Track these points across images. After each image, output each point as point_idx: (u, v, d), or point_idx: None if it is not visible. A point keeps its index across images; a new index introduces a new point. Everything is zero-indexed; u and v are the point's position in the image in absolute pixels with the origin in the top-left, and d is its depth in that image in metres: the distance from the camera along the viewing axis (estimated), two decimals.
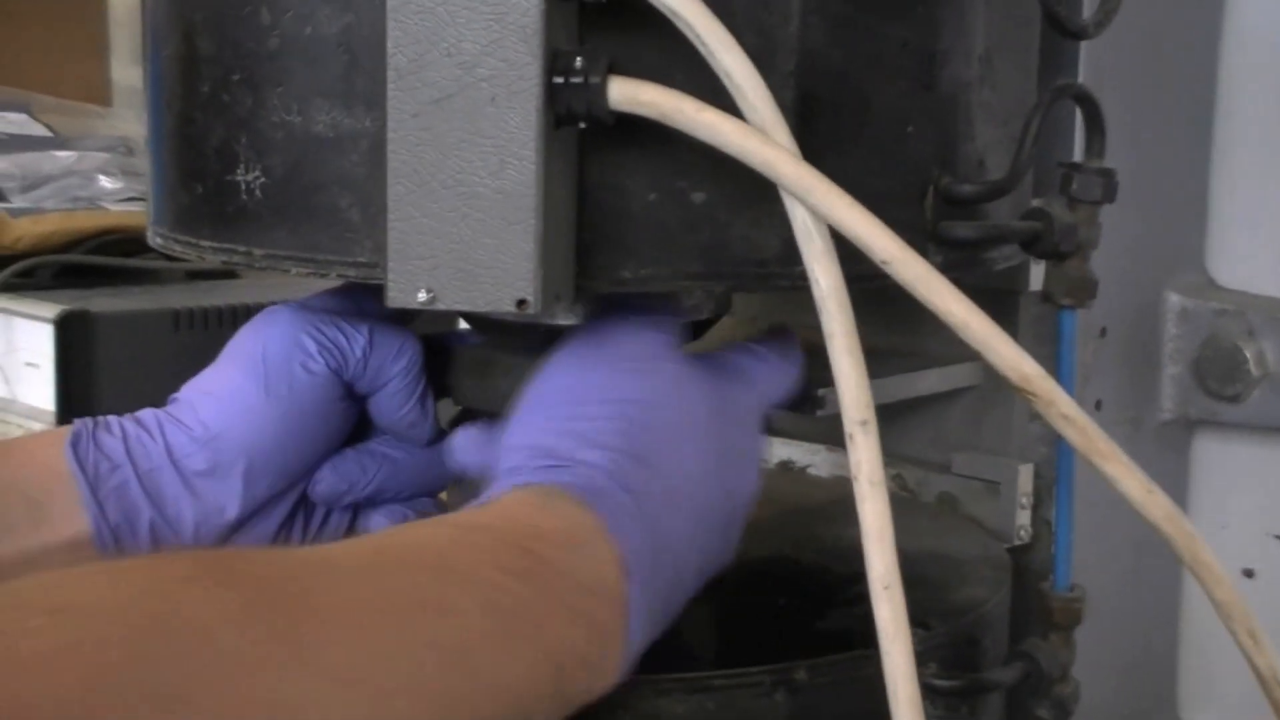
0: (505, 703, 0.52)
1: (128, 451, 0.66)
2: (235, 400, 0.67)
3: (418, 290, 0.55)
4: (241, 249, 0.63)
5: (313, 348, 0.67)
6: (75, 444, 0.66)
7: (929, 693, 0.63)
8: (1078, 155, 0.69)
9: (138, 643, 0.42)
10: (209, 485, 0.66)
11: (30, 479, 0.65)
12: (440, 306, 0.55)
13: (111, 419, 0.68)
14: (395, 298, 0.55)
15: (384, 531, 0.54)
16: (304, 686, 0.45)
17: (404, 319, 0.70)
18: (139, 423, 0.68)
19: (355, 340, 0.68)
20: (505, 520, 0.56)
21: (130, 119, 1.63)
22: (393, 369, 0.68)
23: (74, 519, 0.65)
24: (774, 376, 0.66)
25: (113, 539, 0.65)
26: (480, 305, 0.55)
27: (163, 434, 0.67)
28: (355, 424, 0.71)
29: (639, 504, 0.58)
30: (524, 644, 0.52)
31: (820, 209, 0.55)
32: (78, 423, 0.67)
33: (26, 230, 1.28)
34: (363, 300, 0.70)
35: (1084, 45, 0.77)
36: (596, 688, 0.56)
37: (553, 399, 0.61)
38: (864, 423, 0.56)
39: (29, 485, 0.65)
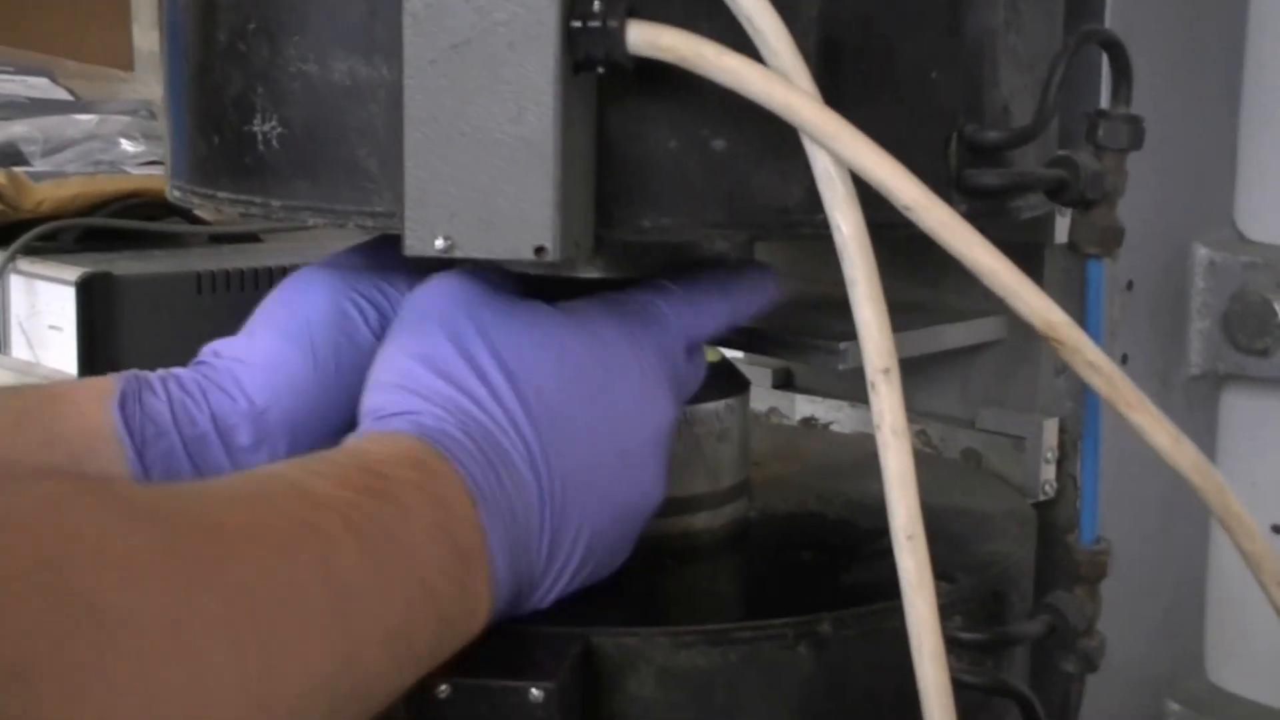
0: (390, 630, 0.52)
1: (173, 417, 0.65)
2: (281, 373, 0.66)
3: (435, 238, 0.54)
4: (259, 200, 0.62)
5: (358, 317, 0.67)
6: (122, 405, 0.64)
7: (954, 646, 0.62)
8: (1105, 104, 0.68)
9: (42, 550, 0.42)
10: (253, 459, 0.66)
11: (75, 435, 0.64)
12: (458, 254, 0.54)
13: (154, 379, 0.66)
14: (413, 246, 0.55)
15: (224, 475, 0.54)
16: (201, 600, 0.45)
17: (435, 266, 0.69)
18: (182, 386, 0.66)
19: (396, 301, 0.67)
20: (344, 453, 0.56)
21: (152, 83, 1.63)
22: None
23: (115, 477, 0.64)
24: (686, 314, 0.64)
25: None
26: (499, 253, 0.54)
27: (207, 401, 0.66)
28: None
29: (478, 443, 0.57)
30: (393, 564, 0.52)
31: (842, 154, 0.54)
32: (121, 379, 0.66)
33: (49, 194, 1.28)
34: (392, 252, 0.69)
35: None
36: (473, 616, 0.56)
37: (405, 340, 0.61)
38: (886, 371, 0.55)
39: (73, 441, 0.64)
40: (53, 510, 0.44)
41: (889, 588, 0.57)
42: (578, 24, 0.53)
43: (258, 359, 0.67)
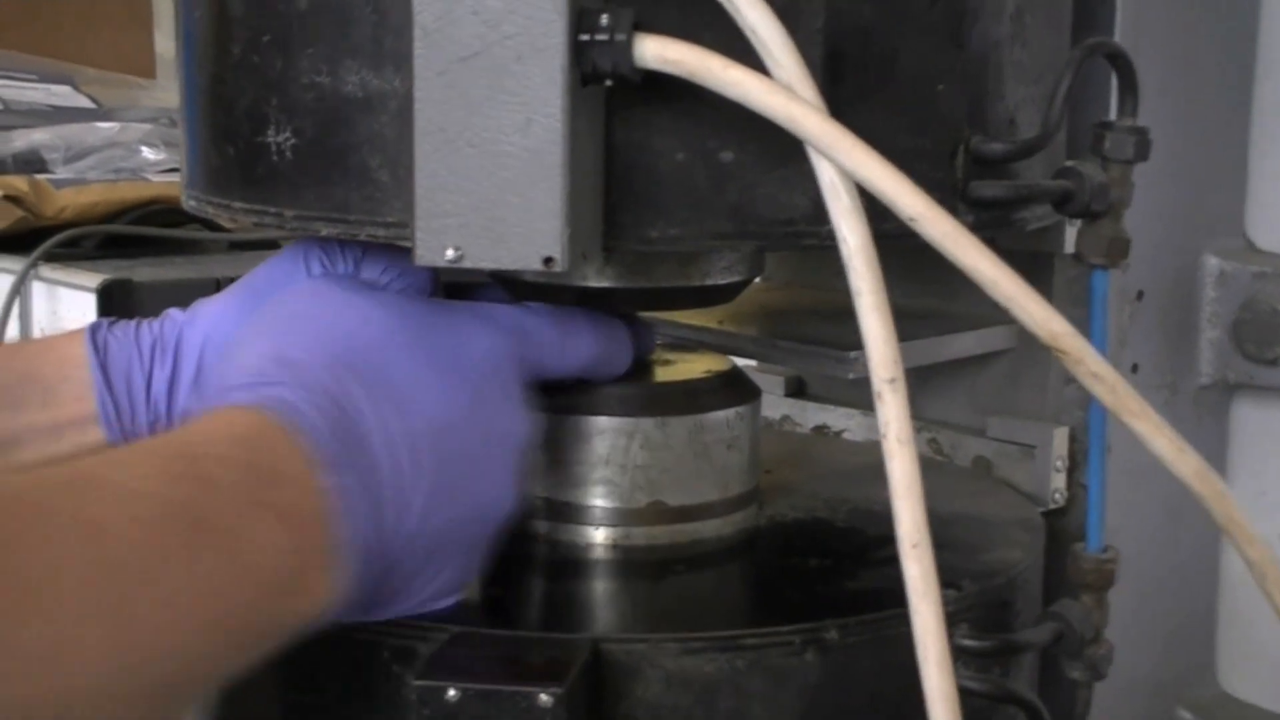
0: (201, 612, 0.52)
1: (136, 339, 0.69)
2: (219, 302, 0.71)
3: (445, 249, 0.55)
4: (273, 210, 0.63)
5: (301, 263, 0.69)
6: (94, 332, 0.69)
7: (960, 653, 0.63)
8: (1114, 115, 0.69)
9: None
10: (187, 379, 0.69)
11: (47, 366, 0.69)
12: (467, 264, 0.55)
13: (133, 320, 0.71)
14: (423, 256, 0.55)
15: (53, 465, 0.56)
16: None
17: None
18: (155, 317, 0.71)
19: (348, 253, 0.69)
20: (164, 439, 0.58)
21: (173, 90, 1.64)
22: (394, 287, 0.68)
23: (83, 400, 0.68)
24: (542, 333, 0.65)
25: (117, 420, 0.68)
26: (507, 263, 0.55)
27: (162, 324, 0.70)
28: None
29: (324, 413, 0.58)
30: (198, 547, 0.52)
31: (847, 165, 0.55)
32: (98, 319, 0.71)
33: (70, 201, 1.29)
34: None
35: (1120, 3, 0.77)
36: (318, 586, 0.56)
37: (262, 327, 0.63)
38: (892, 380, 0.56)
39: (45, 372, 0.68)
40: None
41: (896, 595, 0.57)
42: (585, 37, 0.54)
43: (210, 303, 0.71)
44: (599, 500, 0.69)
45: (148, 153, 1.41)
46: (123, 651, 0.50)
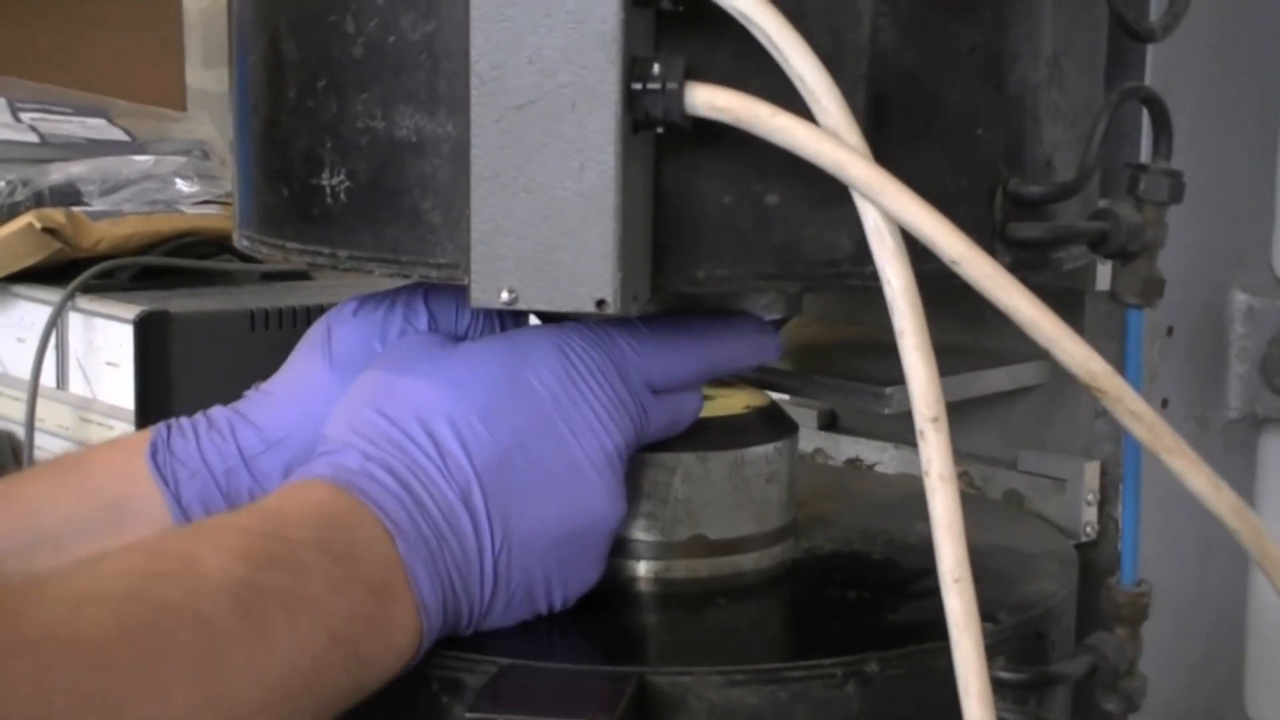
0: (287, 690, 0.55)
1: (203, 457, 0.69)
2: (300, 395, 0.70)
3: (500, 290, 0.57)
4: (326, 251, 0.64)
5: (375, 334, 0.69)
6: (154, 453, 0.68)
7: (997, 685, 0.63)
8: (1144, 156, 0.70)
9: None
10: (277, 484, 0.67)
11: (110, 483, 0.68)
12: (521, 306, 0.56)
13: (185, 421, 0.70)
14: (478, 298, 0.57)
15: (143, 543, 0.58)
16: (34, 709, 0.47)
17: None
18: (211, 423, 0.70)
19: (417, 319, 0.70)
20: (257, 518, 0.59)
21: (205, 122, 1.66)
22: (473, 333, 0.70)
23: (155, 521, 0.67)
24: (648, 352, 0.65)
25: None
26: (560, 305, 0.56)
27: (234, 435, 0.69)
28: None
29: (400, 477, 0.60)
30: (285, 628, 0.55)
31: (891, 210, 0.56)
32: (153, 431, 0.70)
33: (106, 233, 1.30)
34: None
35: (1151, 47, 0.78)
36: (399, 646, 0.59)
37: (357, 386, 0.65)
38: (935, 419, 0.57)
39: (108, 489, 0.68)
40: None
41: (934, 627, 0.58)
42: (638, 86, 0.55)
43: (277, 387, 0.71)
44: (641, 534, 0.70)
45: (182, 185, 1.42)
46: None
